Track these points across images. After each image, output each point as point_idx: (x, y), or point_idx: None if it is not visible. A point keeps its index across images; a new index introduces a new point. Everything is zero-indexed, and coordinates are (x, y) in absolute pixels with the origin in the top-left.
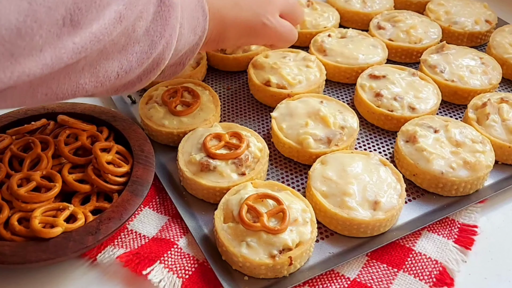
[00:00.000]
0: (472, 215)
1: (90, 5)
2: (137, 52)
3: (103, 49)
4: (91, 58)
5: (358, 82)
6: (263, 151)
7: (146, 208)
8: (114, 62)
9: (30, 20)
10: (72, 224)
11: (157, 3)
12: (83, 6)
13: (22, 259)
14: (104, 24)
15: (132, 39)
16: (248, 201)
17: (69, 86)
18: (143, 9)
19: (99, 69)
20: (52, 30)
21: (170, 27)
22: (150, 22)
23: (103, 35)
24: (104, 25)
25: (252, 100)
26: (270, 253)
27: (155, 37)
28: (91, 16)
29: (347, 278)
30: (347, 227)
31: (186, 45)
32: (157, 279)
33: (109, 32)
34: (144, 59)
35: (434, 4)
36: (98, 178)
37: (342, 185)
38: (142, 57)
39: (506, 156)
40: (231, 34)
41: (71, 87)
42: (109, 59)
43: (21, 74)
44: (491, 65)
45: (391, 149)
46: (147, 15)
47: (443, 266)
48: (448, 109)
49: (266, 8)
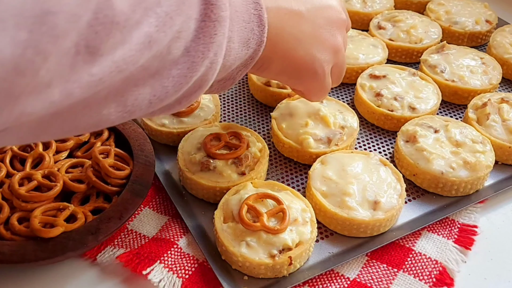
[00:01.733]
0: (472, 215)
1: (111, 27)
2: (174, 76)
3: (129, 76)
4: (114, 86)
5: (358, 82)
6: (263, 151)
7: (146, 208)
8: (146, 88)
9: (31, 53)
10: (72, 224)
11: (200, 18)
12: (101, 28)
13: (22, 259)
14: (130, 50)
15: (168, 62)
16: (248, 201)
17: (89, 117)
18: (181, 28)
19: (127, 97)
20: (62, 61)
21: (215, 45)
22: (190, 41)
23: (127, 63)
24: (130, 51)
25: (252, 100)
26: (270, 253)
27: (196, 58)
28: (114, 40)
29: (347, 278)
30: (347, 227)
31: (237, 60)
32: (157, 279)
33: (135, 60)
34: (182, 83)
35: (434, 4)
36: (98, 180)
37: (342, 185)
38: (180, 81)
39: (506, 156)
40: (276, 66)
41: (92, 119)
42: (138, 85)
43: (21, 114)
44: (491, 65)
45: (391, 149)
46: (186, 34)
47: (443, 266)
48: (448, 109)
49: (326, 56)
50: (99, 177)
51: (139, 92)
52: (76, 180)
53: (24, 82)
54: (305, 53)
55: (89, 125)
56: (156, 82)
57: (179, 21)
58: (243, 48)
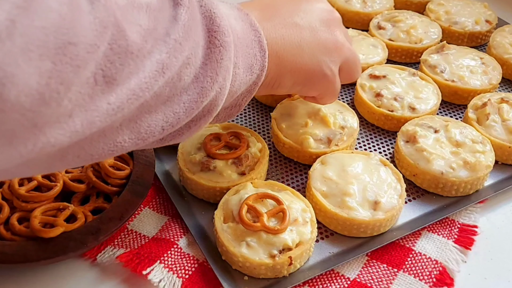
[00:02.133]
0: (472, 215)
1: (125, 56)
2: (185, 101)
3: (144, 103)
4: (130, 113)
5: (358, 82)
6: (263, 151)
7: (146, 208)
8: (158, 115)
9: (55, 82)
10: (72, 224)
11: (206, 45)
12: (116, 58)
13: (22, 259)
14: (144, 77)
15: (179, 89)
16: (248, 201)
17: (104, 145)
18: (190, 54)
19: (141, 124)
20: (82, 91)
21: (223, 69)
22: (199, 68)
23: (142, 91)
24: (144, 78)
25: (252, 100)
26: (270, 253)
27: (205, 83)
28: (129, 69)
29: (347, 278)
30: (347, 227)
31: (242, 85)
32: (157, 279)
33: (150, 87)
34: (193, 109)
35: (434, 4)
36: (98, 180)
37: (342, 185)
38: (191, 106)
39: (506, 156)
40: (287, 80)
41: (107, 146)
42: (151, 112)
43: (45, 145)
44: (491, 65)
45: (391, 149)
46: (195, 60)
47: (443, 266)
48: (448, 109)
49: (331, 56)
50: (99, 177)
51: (152, 119)
52: (76, 180)
53: (48, 112)
54: (310, 59)
55: (104, 152)
56: (168, 109)
57: (188, 47)
58: (247, 73)
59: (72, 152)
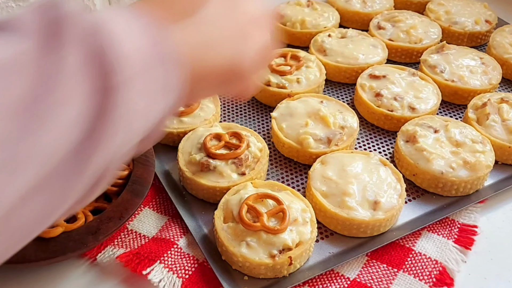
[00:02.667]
0: (472, 215)
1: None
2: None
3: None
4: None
5: (358, 82)
6: (263, 151)
7: (146, 208)
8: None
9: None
10: (72, 224)
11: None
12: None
13: (22, 259)
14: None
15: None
16: (248, 201)
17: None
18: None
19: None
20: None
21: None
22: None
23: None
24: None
25: (252, 100)
26: (270, 253)
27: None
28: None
29: (347, 278)
30: (347, 227)
31: (150, 119)
32: (157, 279)
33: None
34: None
35: (434, 4)
36: None
37: (342, 185)
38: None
39: (506, 156)
40: (205, 85)
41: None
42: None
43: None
44: (491, 65)
45: (391, 149)
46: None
47: (443, 266)
48: (448, 109)
49: (244, 46)
50: None
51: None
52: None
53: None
54: (222, 56)
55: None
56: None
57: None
58: (161, 97)
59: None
